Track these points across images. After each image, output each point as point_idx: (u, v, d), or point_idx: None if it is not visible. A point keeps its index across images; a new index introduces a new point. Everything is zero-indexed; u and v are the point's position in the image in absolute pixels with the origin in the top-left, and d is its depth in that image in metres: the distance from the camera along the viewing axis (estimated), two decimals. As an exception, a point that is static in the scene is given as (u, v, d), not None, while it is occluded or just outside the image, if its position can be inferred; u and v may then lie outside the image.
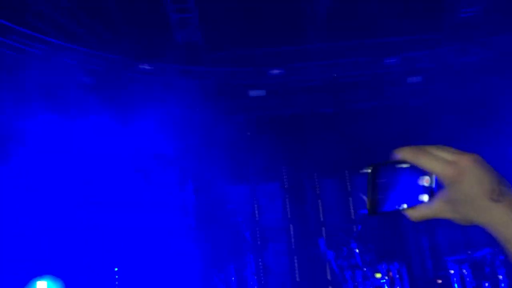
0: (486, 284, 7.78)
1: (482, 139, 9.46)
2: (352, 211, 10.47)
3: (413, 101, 10.20)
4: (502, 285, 7.80)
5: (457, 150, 0.92)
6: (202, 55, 9.44)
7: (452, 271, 8.00)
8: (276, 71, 9.46)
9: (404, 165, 0.95)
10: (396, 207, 0.95)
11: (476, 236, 10.10)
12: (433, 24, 9.48)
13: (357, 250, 7.84)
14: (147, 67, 9.31)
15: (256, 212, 10.40)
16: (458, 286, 7.83)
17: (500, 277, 7.80)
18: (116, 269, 7.54)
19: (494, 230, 0.89)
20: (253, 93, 9.82)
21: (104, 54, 8.57)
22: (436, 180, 0.93)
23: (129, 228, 8.60)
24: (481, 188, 0.88)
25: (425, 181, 0.94)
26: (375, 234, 9.39)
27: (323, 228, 10.30)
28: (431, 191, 0.95)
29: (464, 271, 7.84)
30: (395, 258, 8.00)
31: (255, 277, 8.36)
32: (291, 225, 10.39)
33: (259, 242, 10.03)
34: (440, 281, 9.11)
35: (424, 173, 0.94)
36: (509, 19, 9.04)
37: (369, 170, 0.96)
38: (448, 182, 0.90)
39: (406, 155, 0.95)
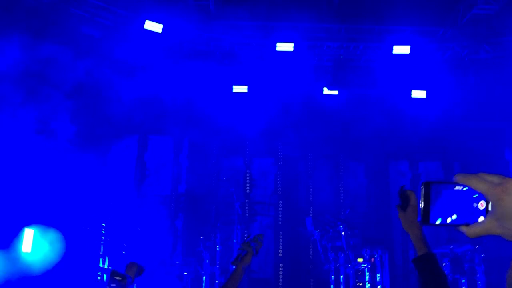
0: (463, 280, 7.92)
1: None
2: (342, 194, 10.56)
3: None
4: (479, 282, 7.95)
5: (502, 175, 1.09)
6: (211, 20, 9.28)
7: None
8: (283, 46, 9.34)
9: (459, 187, 1.14)
10: (448, 221, 1.14)
11: (459, 233, 10.27)
12: (446, 17, 9.37)
13: (343, 233, 7.93)
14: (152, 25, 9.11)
15: (248, 184, 10.47)
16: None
17: (478, 274, 7.95)
18: (103, 224, 7.59)
19: None
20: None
21: (112, 8, 8.42)
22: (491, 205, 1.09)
23: (122, 188, 8.63)
24: None
25: (480, 204, 1.12)
26: (362, 220, 9.51)
27: (311, 208, 10.40)
28: (487, 213, 1.12)
29: (444, 264, 7.95)
30: (378, 245, 8.12)
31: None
32: (280, 201, 10.47)
33: (247, 214, 10.13)
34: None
35: (480, 197, 1.12)
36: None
37: (423, 186, 1.16)
38: (494, 200, 1.06)
39: (461, 179, 1.12)
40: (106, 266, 7.41)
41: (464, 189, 1.13)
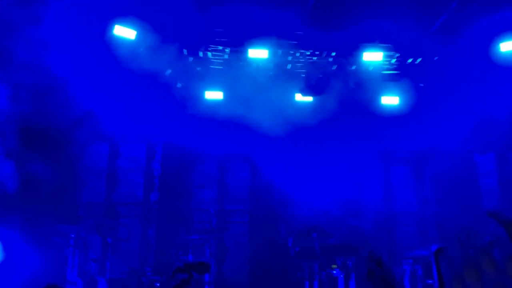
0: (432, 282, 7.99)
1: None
2: (316, 199, 10.55)
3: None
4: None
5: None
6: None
7: (405, 269, 8.18)
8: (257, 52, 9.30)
9: None
10: None
11: (432, 235, 10.42)
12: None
13: (317, 240, 7.93)
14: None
15: (223, 191, 10.37)
16: (408, 283, 8.02)
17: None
18: (72, 236, 7.39)
19: None
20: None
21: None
22: None
23: (93, 197, 8.41)
24: None
25: None
26: (337, 227, 9.52)
27: (286, 214, 10.37)
28: None
29: (416, 268, 8.03)
30: (352, 252, 8.13)
31: (213, 257, 8.37)
32: (255, 208, 10.41)
33: (221, 222, 10.03)
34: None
35: None
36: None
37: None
38: None
39: None
40: (74, 278, 7.21)
41: None
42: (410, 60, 10.10)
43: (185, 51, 9.43)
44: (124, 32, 8.70)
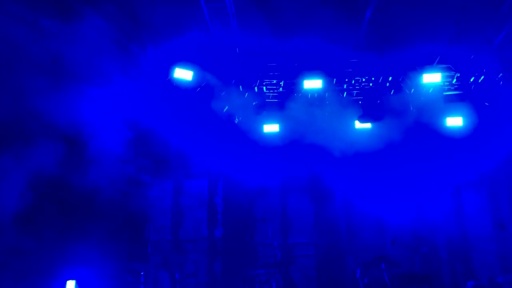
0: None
1: None
2: (383, 228, 10.22)
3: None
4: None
5: None
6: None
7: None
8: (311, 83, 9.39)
9: None
10: None
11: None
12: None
13: (386, 271, 7.61)
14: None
15: (286, 224, 10.31)
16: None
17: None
18: (142, 273, 7.58)
19: None
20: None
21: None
22: None
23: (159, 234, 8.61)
24: None
25: None
26: (407, 256, 9.12)
27: (353, 245, 10.09)
28: None
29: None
30: (425, 281, 7.72)
31: (280, 291, 8.23)
32: (319, 240, 10.23)
33: (286, 255, 9.92)
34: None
35: None
36: None
37: None
38: None
39: None
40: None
41: None
42: (472, 79, 9.73)
43: (240, 87, 9.69)
44: (182, 73, 9.10)
